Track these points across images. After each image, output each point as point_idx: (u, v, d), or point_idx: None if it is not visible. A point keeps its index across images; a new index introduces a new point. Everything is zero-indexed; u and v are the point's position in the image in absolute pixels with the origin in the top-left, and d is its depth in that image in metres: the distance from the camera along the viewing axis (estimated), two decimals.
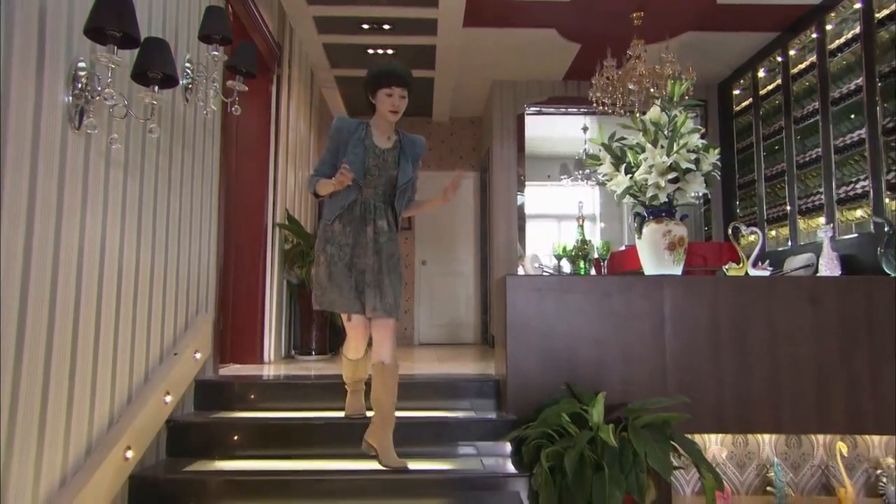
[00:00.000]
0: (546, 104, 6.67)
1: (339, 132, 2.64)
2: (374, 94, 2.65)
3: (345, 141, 2.63)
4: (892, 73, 4.17)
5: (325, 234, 2.64)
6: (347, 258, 2.60)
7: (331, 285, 2.59)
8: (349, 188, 2.57)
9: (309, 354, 4.78)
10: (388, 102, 2.61)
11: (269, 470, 2.64)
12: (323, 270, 2.61)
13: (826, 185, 4.84)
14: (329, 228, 2.64)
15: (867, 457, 3.08)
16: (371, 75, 2.65)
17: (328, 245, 2.61)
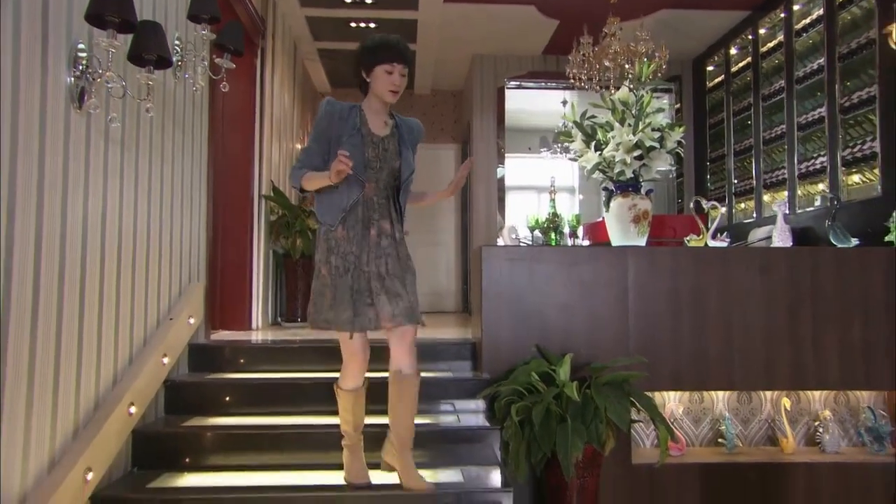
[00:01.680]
0: (526, 78, 6.80)
1: (329, 117, 2.27)
2: (369, 71, 2.29)
3: (336, 128, 2.27)
4: (850, 54, 4.38)
5: (326, 242, 2.28)
6: (353, 268, 2.25)
7: (334, 301, 2.23)
8: (350, 185, 2.24)
9: (294, 321, 4.98)
10: (387, 81, 2.27)
11: (261, 425, 2.86)
12: (325, 284, 2.26)
13: (789, 161, 5.09)
14: (331, 235, 2.27)
15: (808, 410, 3.38)
16: (367, 49, 2.30)
17: (331, 255, 2.26)
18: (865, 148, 4.24)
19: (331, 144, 2.27)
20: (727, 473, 3.13)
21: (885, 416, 3.30)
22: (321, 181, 2.20)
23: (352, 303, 2.23)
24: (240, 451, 2.74)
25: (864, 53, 4.23)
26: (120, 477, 2.51)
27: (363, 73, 2.33)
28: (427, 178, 8.43)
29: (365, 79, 2.33)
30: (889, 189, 3.94)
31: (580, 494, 2.75)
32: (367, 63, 2.30)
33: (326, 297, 2.25)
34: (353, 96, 8.50)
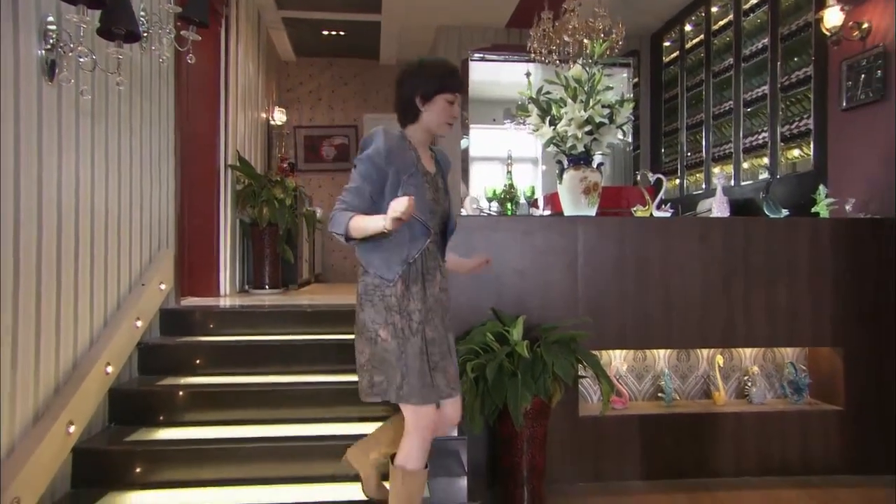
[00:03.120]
0: (490, 51, 6.91)
1: (388, 154, 1.93)
2: (428, 100, 1.99)
3: (394, 164, 1.94)
4: (790, 35, 4.64)
5: (383, 299, 1.96)
6: (419, 329, 1.97)
7: (406, 370, 1.94)
8: (414, 232, 1.95)
9: (262, 288, 5.12)
10: (448, 112, 2.02)
11: (232, 383, 3.04)
12: (387, 350, 1.94)
13: (735, 136, 5.37)
14: (389, 291, 1.96)
15: (739, 367, 3.70)
16: (430, 74, 2.00)
17: (391, 314, 1.95)
18: (802, 125, 4.53)
19: (386, 184, 1.94)
20: (664, 424, 3.43)
21: (805, 370, 3.65)
22: (374, 228, 1.82)
23: (427, 369, 1.96)
24: (212, 407, 2.92)
25: (802, 35, 4.49)
26: (98, 432, 2.66)
27: (419, 100, 1.99)
28: None
29: (418, 107, 2.00)
30: (820, 164, 4.25)
31: (530, 443, 3.01)
32: (428, 90, 1.99)
33: (393, 364, 1.93)
34: (317, 66, 8.56)
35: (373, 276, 1.99)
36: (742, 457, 3.41)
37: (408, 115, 2.04)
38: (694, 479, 3.33)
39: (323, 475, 2.60)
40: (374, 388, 1.98)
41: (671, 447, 3.41)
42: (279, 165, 6.33)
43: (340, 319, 3.70)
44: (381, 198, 1.93)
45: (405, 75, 2.04)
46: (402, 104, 2.03)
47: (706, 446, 3.42)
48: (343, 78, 7.95)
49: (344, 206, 1.93)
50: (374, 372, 1.98)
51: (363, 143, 1.98)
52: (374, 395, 1.98)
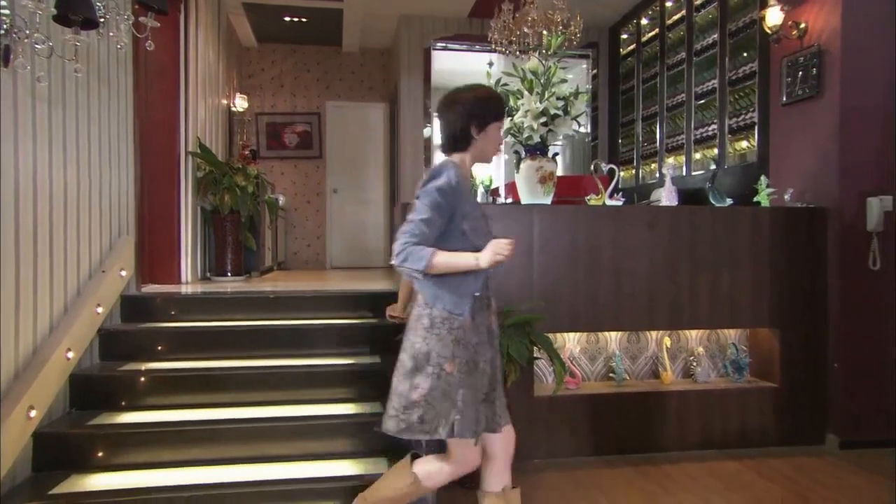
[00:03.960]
0: (452, 40, 6.98)
1: (458, 187, 1.92)
2: (483, 127, 2.00)
3: (461, 199, 1.93)
4: (738, 31, 4.84)
5: (451, 332, 1.91)
6: (480, 363, 1.97)
7: (465, 404, 1.91)
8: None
9: (224, 275, 5.12)
10: (499, 139, 2.07)
11: (193, 368, 3.08)
12: (450, 384, 1.90)
13: (687, 127, 5.58)
14: (456, 325, 1.92)
15: (685, 348, 3.91)
16: (486, 104, 2.02)
17: (457, 348, 1.91)
18: (748, 118, 4.75)
19: (452, 215, 1.92)
20: (615, 402, 3.61)
21: (746, 350, 3.88)
22: (465, 266, 1.86)
23: (479, 402, 1.95)
24: (175, 391, 2.96)
25: (748, 32, 4.70)
26: (59, 416, 2.69)
27: (475, 128, 2.00)
28: (356, 136, 8.58)
29: (473, 135, 2.00)
30: (762, 155, 4.47)
31: None
32: (484, 118, 2.00)
33: (452, 398, 1.89)
34: (280, 52, 8.54)
35: (440, 310, 1.92)
36: (686, 432, 3.62)
37: (459, 143, 2.02)
38: (641, 454, 3.52)
39: (284, 454, 2.68)
40: (423, 424, 1.90)
41: (621, 424, 3.59)
42: (241, 152, 6.30)
43: (304, 305, 3.78)
44: (451, 229, 1.92)
45: (457, 104, 2.00)
46: (455, 132, 2.00)
47: (653, 423, 3.61)
48: (306, 65, 7.92)
49: (416, 238, 1.85)
50: (427, 408, 1.90)
51: (432, 174, 1.93)
52: (422, 432, 1.90)
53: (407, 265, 1.84)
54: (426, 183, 1.93)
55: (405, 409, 1.92)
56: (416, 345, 1.93)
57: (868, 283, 3.65)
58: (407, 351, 1.95)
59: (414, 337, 1.95)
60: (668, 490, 3.07)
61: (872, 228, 3.63)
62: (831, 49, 3.69)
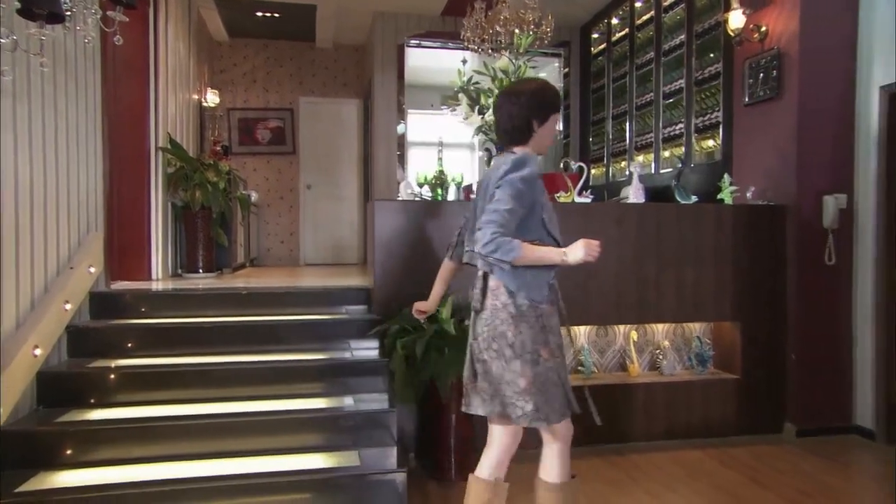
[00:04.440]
0: (426, 37, 7.00)
1: (538, 179, 1.98)
2: (545, 120, 2.06)
3: (539, 190, 1.99)
4: (703, 33, 4.97)
5: (538, 319, 1.98)
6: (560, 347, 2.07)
7: (564, 386, 2.02)
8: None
9: (196, 272, 5.09)
10: (554, 131, 2.12)
11: (163, 364, 3.07)
12: (550, 369, 1.99)
13: (655, 126, 5.70)
14: (540, 312, 1.99)
15: (652, 341, 4.01)
16: (545, 97, 2.06)
17: (549, 335, 2.00)
18: (713, 117, 4.88)
19: (534, 207, 1.97)
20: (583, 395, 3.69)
21: (709, 343, 4.00)
22: (551, 260, 1.92)
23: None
24: (145, 388, 2.95)
25: (713, 34, 4.82)
26: (26, 414, 2.66)
27: (537, 121, 2.05)
28: (330, 132, 8.55)
29: (534, 128, 2.05)
30: (726, 154, 4.60)
31: (458, 414, 3.19)
32: (546, 111, 2.05)
33: (556, 382, 1.99)
34: (252, 47, 8.45)
35: (522, 298, 1.96)
36: (652, 423, 3.73)
37: (520, 136, 2.05)
38: (609, 445, 3.61)
39: (256, 449, 2.70)
40: (539, 412, 1.95)
41: (590, 416, 3.67)
42: (212, 148, 6.25)
43: (276, 302, 3.78)
44: (530, 220, 1.96)
45: (520, 97, 2.04)
46: (517, 125, 2.03)
47: (621, 415, 3.71)
48: (278, 60, 7.87)
49: (503, 229, 1.86)
50: (536, 396, 1.95)
51: (514, 165, 1.94)
52: (539, 419, 1.95)
53: (496, 255, 1.85)
54: (507, 173, 1.93)
55: (518, 396, 1.96)
56: (508, 334, 1.96)
57: (824, 278, 3.79)
58: (498, 340, 1.97)
59: (502, 327, 1.97)
60: (635, 479, 3.16)
61: (828, 225, 3.77)
62: (790, 52, 3.82)
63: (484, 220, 1.89)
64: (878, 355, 3.67)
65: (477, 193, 2.21)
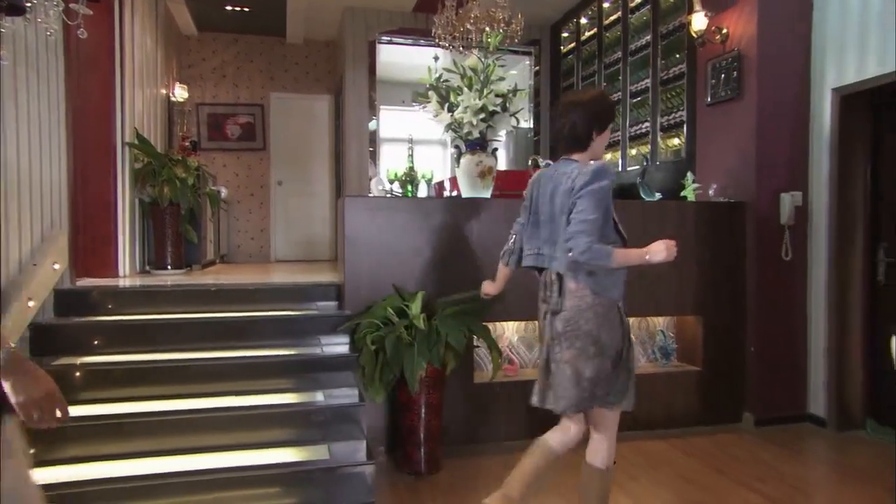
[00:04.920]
0: (397, 34, 7.02)
1: (610, 189, 2.12)
2: (603, 129, 2.23)
3: (611, 196, 2.14)
4: (668, 34, 5.09)
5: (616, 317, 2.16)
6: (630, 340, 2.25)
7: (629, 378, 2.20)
8: None
9: (164, 268, 5.04)
10: (608, 137, 2.30)
11: (133, 361, 3.06)
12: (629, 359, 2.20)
13: (623, 124, 5.81)
14: (620, 310, 2.18)
15: None
16: (603, 108, 2.22)
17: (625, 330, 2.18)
18: (678, 116, 5.00)
19: (608, 212, 2.13)
20: (513, 388, 3.70)
21: (673, 336, 4.12)
22: (636, 261, 2.10)
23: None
24: (112, 385, 2.93)
25: (678, 35, 4.94)
26: None
27: (596, 131, 2.21)
28: (301, 128, 8.50)
29: (592, 137, 2.21)
30: (690, 152, 4.73)
31: (426, 408, 3.24)
32: (604, 120, 2.22)
33: (629, 372, 2.19)
34: (221, 41, 8.36)
35: (603, 298, 2.13)
36: None
37: (580, 144, 2.21)
38: None
39: (225, 444, 2.71)
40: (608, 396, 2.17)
41: (519, 410, 3.68)
42: (180, 143, 6.18)
43: (246, 298, 3.78)
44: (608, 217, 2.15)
45: (579, 107, 2.19)
46: (578, 133, 2.19)
47: None
48: (248, 55, 7.79)
49: (594, 237, 2.05)
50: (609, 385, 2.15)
51: (595, 175, 2.08)
52: (608, 404, 2.18)
53: (594, 261, 2.05)
54: (588, 184, 2.07)
55: (593, 384, 2.13)
56: (594, 332, 2.12)
57: (781, 274, 3.94)
58: (582, 339, 2.12)
59: (587, 326, 2.12)
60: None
61: (785, 222, 3.91)
62: (749, 54, 3.95)
63: (573, 229, 2.06)
64: (830, 347, 3.83)
65: (536, 198, 2.36)
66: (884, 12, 3.49)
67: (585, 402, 2.16)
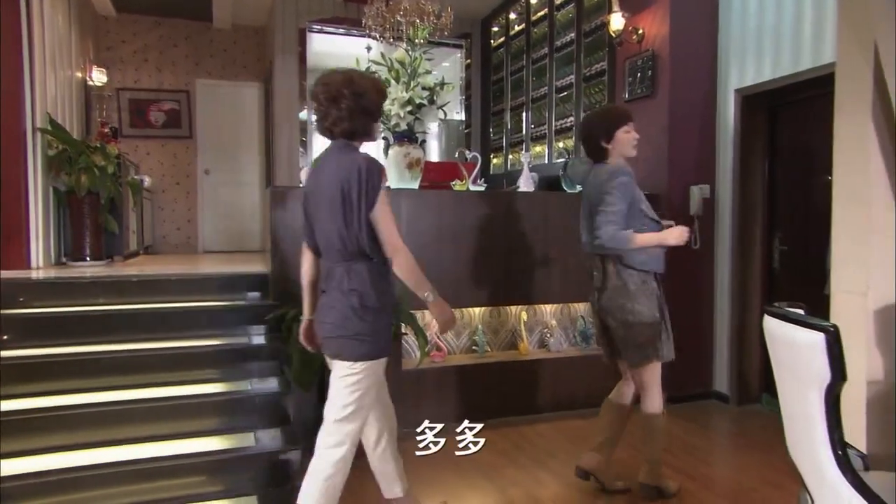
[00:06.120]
0: (329, 23, 6.96)
1: (631, 183, 2.60)
2: (611, 138, 2.66)
3: (635, 187, 2.61)
4: (591, 32, 5.30)
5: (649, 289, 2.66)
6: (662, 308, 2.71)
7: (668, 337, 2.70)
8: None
9: (82, 260, 4.85)
10: (630, 138, 2.67)
11: (48, 354, 2.96)
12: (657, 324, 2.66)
13: (549, 118, 6.02)
14: (653, 282, 2.67)
15: (541, 321, 4.30)
16: (603, 119, 2.71)
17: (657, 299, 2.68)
18: None
19: (632, 202, 2.58)
20: (477, 372, 3.90)
21: (592, 322, 4.33)
22: (655, 241, 2.57)
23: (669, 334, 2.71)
24: (24, 380, 2.84)
25: (599, 33, 5.16)
26: None
27: (604, 140, 2.67)
28: (229, 116, 8.29)
29: (605, 146, 2.67)
30: None
31: None
32: (610, 130, 2.65)
33: (659, 334, 2.65)
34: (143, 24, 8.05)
35: (640, 273, 2.63)
36: (540, 396, 4.01)
37: (599, 153, 2.71)
38: (502, 418, 3.85)
39: (149, 435, 2.69)
40: (658, 351, 2.65)
41: (483, 392, 3.89)
42: (99, 130, 5.92)
43: (171, 289, 3.71)
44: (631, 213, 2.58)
45: (584, 126, 2.81)
46: (591, 146, 2.73)
47: (512, 390, 3.96)
48: (172, 39, 7.52)
49: (618, 225, 2.52)
50: (647, 345, 2.64)
51: (612, 175, 2.58)
52: (658, 357, 2.66)
53: (615, 244, 2.54)
54: (606, 183, 2.59)
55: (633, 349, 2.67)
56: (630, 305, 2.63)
57: (690, 261, 4.21)
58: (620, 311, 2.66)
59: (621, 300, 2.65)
60: (521, 448, 3.41)
61: (694, 213, 4.19)
62: (662, 54, 4.19)
63: (601, 219, 2.54)
64: (733, 330, 4.15)
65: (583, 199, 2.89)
66: (777, 19, 3.79)
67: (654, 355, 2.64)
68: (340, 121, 2.10)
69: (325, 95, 2.10)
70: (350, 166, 2.05)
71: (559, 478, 3.03)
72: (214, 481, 2.54)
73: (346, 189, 2.04)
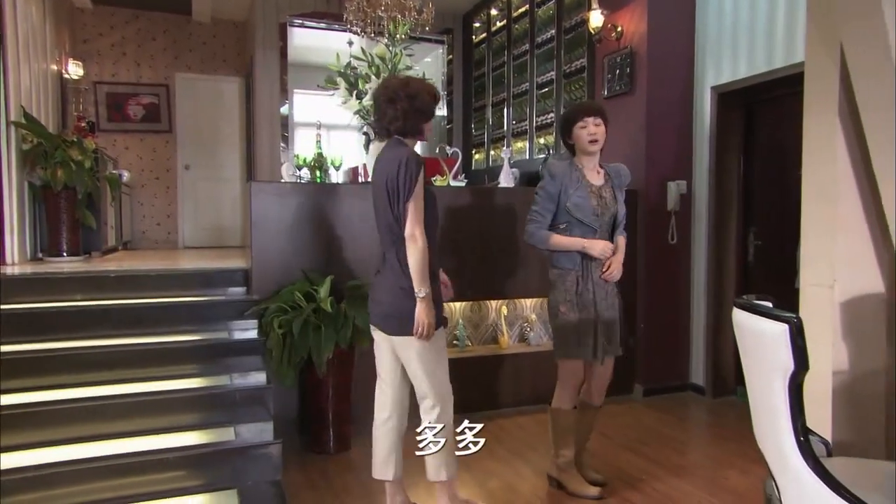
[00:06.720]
0: (309, 17, 6.92)
1: (555, 178, 2.66)
2: (569, 136, 2.73)
3: (562, 185, 2.65)
4: (571, 29, 5.34)
5: (563, 284, 2.68)
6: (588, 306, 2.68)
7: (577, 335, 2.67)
8: (584, 233, 2.64)
9: (59, 255, 4.79)
10: (584, 134, 2.66)
11: (23, 350, 2.93)
12: (568, 321, 2.68)
13: (530, 114, 6.05)
14: (568, 278, 2.67)
15: (521, 315, 4.34)
16: (564, 117, 2.79)
17: (567, 295, 2.68)
18: None
19: (559, 200, 2.65)
20: (458, 366, 3.85)
21: None
22: (571, 247, 2.64)
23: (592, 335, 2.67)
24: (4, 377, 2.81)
25: (579, 30, 5.20)
26: None
27: (566, 137, 2.76)
28: (209, 111, 8.23)
29: (570, 142, 2.75)
30: None
31: (335, 389, 3.32)
32: (564, 130, 2.76)
33: (569, 332, 2.67)
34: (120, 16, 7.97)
35: (558, 270, 2.70)
36: (520, 390, 4.05)
37: (570, 149, 2.80)
38: (482, 412, 3.88)
39: (127, 431, 2.68)
40: (566, 349, 2.70)
41: (463, 386, 3.87)
42: (76, 124, 5.84)
43: (149, 284, 3.68)
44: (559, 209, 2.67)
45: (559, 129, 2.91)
46: (565, 144, 2.82)
47: (492, 383, 4.00)
48: (151, 32, 7.43)
49: (535, 225, 2.70)
50: (557, 341, 2.72)
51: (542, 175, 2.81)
52: (565, 355, 2.71)
53: (532, 242, 2.73)
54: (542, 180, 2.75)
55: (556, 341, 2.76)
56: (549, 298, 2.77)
57: (667, 256, 4.29)
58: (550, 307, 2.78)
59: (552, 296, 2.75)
60: (501, 440, 3.46)
61: (671, 208, 4.26)
62: (640, 52, 4.24)
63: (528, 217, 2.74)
64: (708, 323, 4.23)
65: None
66: (751, 18, 3.86)
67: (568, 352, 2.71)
68: (395, 120, 2.34)
69: (384, 97, 2.36)
70: (397, 160, 2.28)
71: (539, 470, 3.07)
72: (195, 475, 2.54)
73: (391, 180, 2.28)
